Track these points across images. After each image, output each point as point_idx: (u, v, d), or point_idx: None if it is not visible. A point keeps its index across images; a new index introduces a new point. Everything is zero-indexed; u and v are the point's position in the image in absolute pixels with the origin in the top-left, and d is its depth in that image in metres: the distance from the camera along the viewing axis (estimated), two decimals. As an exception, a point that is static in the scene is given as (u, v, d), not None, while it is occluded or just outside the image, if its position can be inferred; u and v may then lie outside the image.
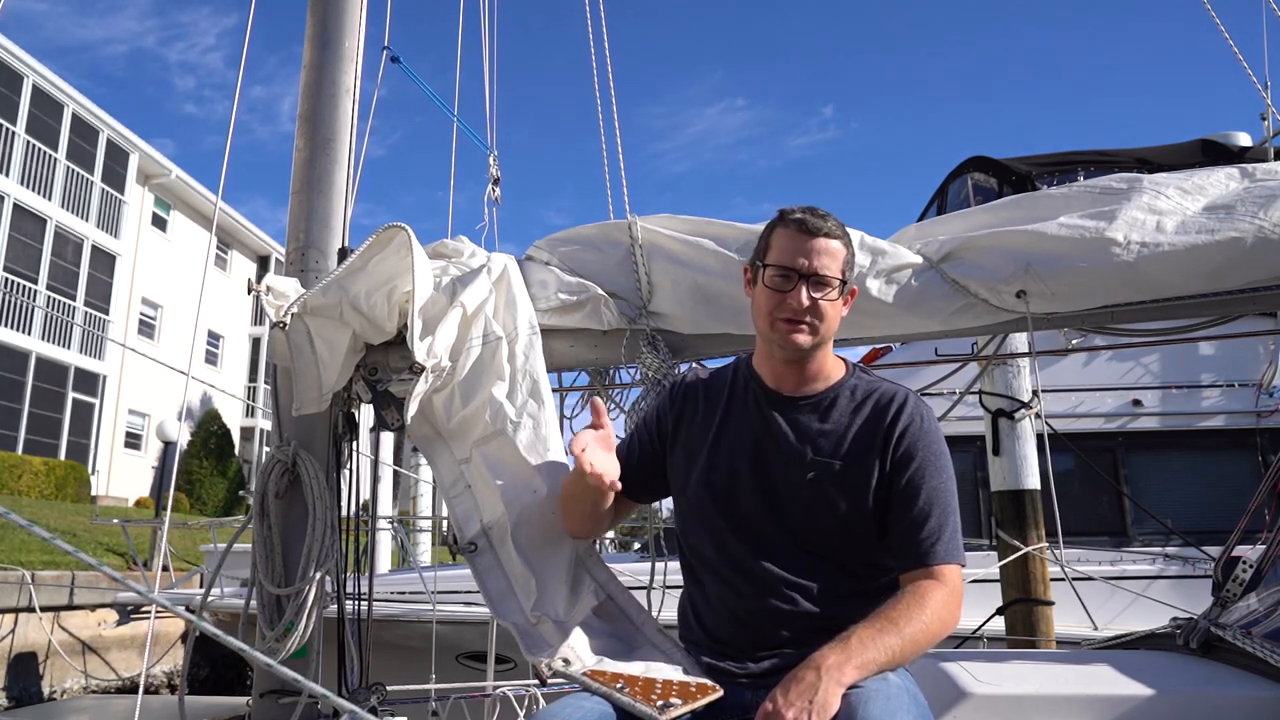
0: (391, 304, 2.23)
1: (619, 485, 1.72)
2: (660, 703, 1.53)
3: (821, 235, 1.70)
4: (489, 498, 2.05)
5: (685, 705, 1.53)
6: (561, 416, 2.49)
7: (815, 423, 1.73)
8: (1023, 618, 4.91)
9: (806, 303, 1.68)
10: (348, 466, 2.45)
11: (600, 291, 2.39)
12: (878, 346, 7.26)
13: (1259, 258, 2.06)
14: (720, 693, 1.60)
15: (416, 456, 10.33)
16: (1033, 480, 5.09)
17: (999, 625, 4.97)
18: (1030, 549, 4.90)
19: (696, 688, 1.60)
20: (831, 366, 1.79)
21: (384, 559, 10.79)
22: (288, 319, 2.15)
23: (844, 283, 1.72)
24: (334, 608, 2.31)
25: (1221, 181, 2.15)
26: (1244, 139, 7.38)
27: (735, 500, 1.73)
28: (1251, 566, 2.24)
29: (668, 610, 2.38)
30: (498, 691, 3.42)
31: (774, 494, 1.71)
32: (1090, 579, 5.15)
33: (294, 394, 2.22)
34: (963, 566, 1.65)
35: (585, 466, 1.66)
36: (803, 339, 1.70)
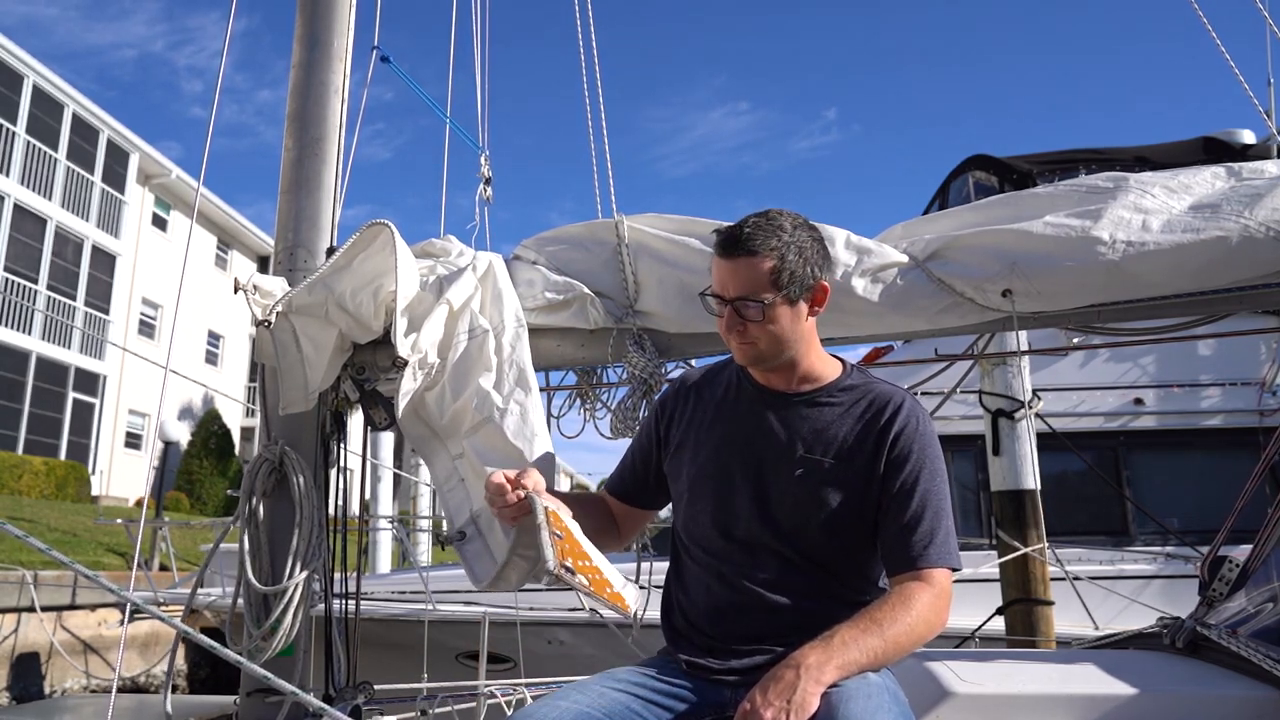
0: (377, 302, 2.23)
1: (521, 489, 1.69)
2: (574, 574, 1.56)
3: (741, 255, 1.65)
4: (479, 487, 2.06)
5: (585, 588, 1.57)
6: (549, 415, 2.49)
7: (807, 421, 1.72)
8: (1022, 618, 4.90)
9: (734, 327, 1.69)
10: (336, 466, 2.45)
11: (587, 290, 2.39)
12: (879, 346, 7.26)
13: (1244, 256, 2.04)
14: (629, 611, 1.69)
15: (416, 457, 10.32)
16: (1032, 480, 5.08)
17: (999, 625, 4.96)
18: (1030, 549, 4.88)
19: (611, 596, 1.64)
20: (822, 366, 1.77)
21: (385, 559, 10.82)
22: (272, 317, 2.15)
23: (777, 296, 1.66)
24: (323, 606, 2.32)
25: (1208, 180, 2.14)
26: (1248, 136, 7.36)
27: (726, 497, 1.72)
28: (1238, 566, 2.23)
29: (654, 609, 2.37)
30: (487, 690, 3.43)
31: (763, 491, 1.70)
32: (1082, 578, 5.14)
33: (279, 393, 2.22)
34: (956, 570, 1.63)
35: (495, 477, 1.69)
36: (744, 356, 1.73)
